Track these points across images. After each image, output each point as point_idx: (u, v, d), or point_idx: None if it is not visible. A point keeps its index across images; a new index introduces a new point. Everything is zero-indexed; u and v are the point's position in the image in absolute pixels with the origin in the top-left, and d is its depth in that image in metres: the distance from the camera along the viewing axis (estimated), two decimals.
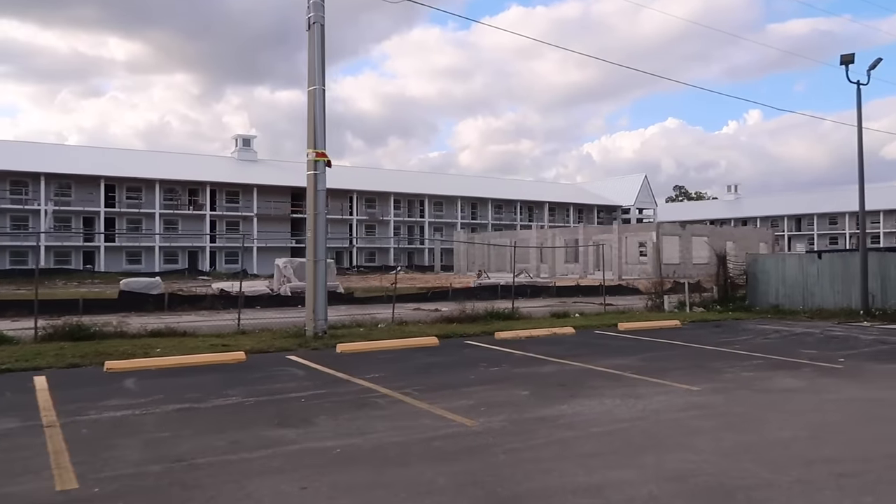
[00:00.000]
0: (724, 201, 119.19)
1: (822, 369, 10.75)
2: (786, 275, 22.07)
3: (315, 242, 14.27)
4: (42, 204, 58.11)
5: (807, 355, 12.21)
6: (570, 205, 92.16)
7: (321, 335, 13.78)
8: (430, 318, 17.45)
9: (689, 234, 55.16)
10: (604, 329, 16.34)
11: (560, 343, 13.85)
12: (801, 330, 16.63)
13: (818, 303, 21.12)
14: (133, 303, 27.65)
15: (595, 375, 10.07)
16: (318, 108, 14.13)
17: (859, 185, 20.40)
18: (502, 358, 11.83)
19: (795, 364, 11.24)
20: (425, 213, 79.87)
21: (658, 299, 22.50)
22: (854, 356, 12.24)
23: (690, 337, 14.90)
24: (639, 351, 12.79)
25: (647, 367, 10.87)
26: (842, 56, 19.26)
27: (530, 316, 19.07)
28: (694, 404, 8.13)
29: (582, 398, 8.42)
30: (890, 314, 18.96)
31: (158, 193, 63.38)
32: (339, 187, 73.67)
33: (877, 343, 14.15)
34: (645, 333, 15.51)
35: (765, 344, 13.99)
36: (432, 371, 10.51)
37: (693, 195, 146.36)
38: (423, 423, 7.12)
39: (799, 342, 14.29)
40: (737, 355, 12.25)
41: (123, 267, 61.24)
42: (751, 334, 15.67)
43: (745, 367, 10.86)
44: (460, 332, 14.93)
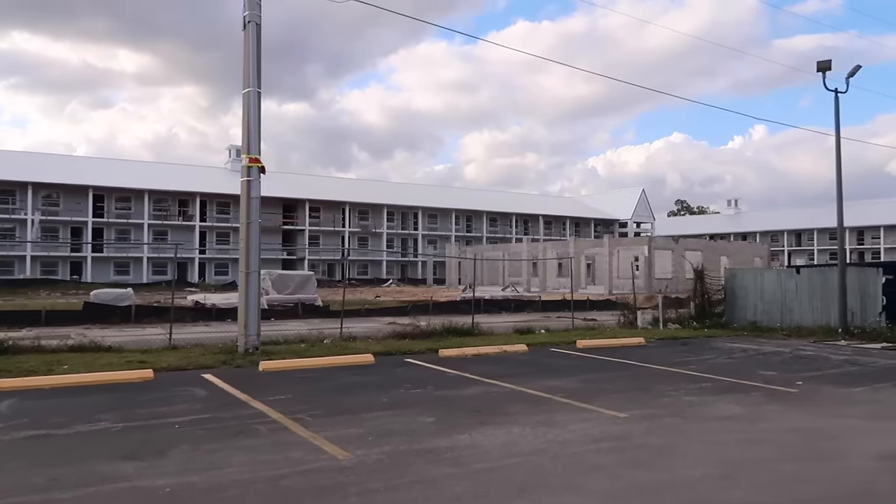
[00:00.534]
0: (725, 216, 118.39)
1: (773, 393, 9.90)
2: (764, 290, 21.21)
3: (248, 253, 13.50)
4: (29, 213, 57.61)
5: (764, 377, 11.36)
6: (566, 218, 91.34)
7: (251, 352, 12.98)
8: (381, 333, 16.63)
9: (682, 249, 54.20)
10: (561, 346, 15.49)
11: (504, 362, 13.02)
12: (770, 349, 15.76)
13: (797, 320, 20.24)
14: (98, 315, 26.92)
15: (520, 399, 9.24)
16: (253, 111, 13.43)
17: (837, 196, 19.58)
18: (432, 378, 11.01)
19: (747, 387, 10.39)
20: (419, 225, 79.16)
21: (631, 315, 21.63)
22: (815, 378, 11.38)
23: (649, 356, 14.05)
24: (585, 371, 11.96)
25: (583, 389, 10.04)
26: (818, 63, 18.51)
27: (491, 332, 18.25)
28: (610, 434, 7.31)
29: (490, 426, 7.60)
30: (869, 332, 18.06)
31: (147, 204, 62.85)
32: (331, 199, 73.27)
33: (845, 364, 13.27)
34: (602, 352, 14.66)
35: (725, 364, 13.13)
36: (346, 393, 9.70)
37: (695, 210, 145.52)
38: (290, 457, 6.31)
39: (763, 362, 13.43)
40: (688, 377, 11.40)
41: (111, 278, 60.59)
42: (715, 353, 14.81)
43: (690, 391, 10.01)
44: (405, 350, 14.10)
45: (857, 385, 10.76)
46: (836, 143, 19.37)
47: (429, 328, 16.97)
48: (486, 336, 17.20)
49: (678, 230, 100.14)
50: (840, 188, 19.43)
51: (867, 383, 10.94)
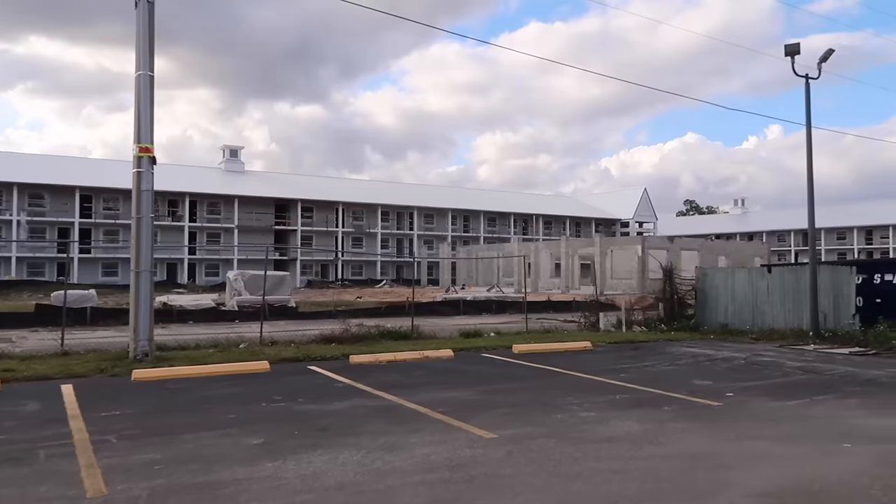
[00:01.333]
0: (732, 216, 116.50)
1: (690, 408, 8.65)
2: (735, 291, 19.88)
3: (138, 250, 12.43)
4: (14, 214, 57.03)
5: (694, 388, 10.11)
6: (566, 218, 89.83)
7: (140, 358, 11.88)
8: (307, 337, 15.48)
9: (677, 248, 52.72)
10: (495, 352, 14.28)
11: (417, 370, 11.83)
12: (726, 354, 14.46)
13: (768, 322, 18.89)
14: (49, 316, 25.97)
15: (388, 415, 8.07)
16: (145, 96, 12.36)
17: (808, 187, 18.24)
18: (313, 389, 9.86)
19: (666, 400, 9.15)
20: (414, 225, 78.01)
21: (593, 317, 20.37)
22: (752, 389, 10.12)
23: (583, 363, 12.81)
24: (496, 380, 10.76)
25: (472, 403, 8.85)
26: (786, 46, 17.19)
27: (433, 336, 17.07)
28: (455, 461, 6.11)
29: (321, 450, 6.44)
30: (840, 336, 16.71)
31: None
32: (325, 199, 72.27)
33: (797, 372, 11.97)
34: (535, 358, 13.42)
35: (662, 373, 11.88)
36: (194, 409, 8.56)
37: (704, 210, 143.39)
38: (36, 491, 5.18)
39: (706, 370, 12.16)
40: (608, 387, 10.16)
41: (99, 279, 59.87)
42: (661, 359, 13.54)
43: (596, 405, 8.78)
44: (317, 356, 12.96)
45: (795, 397, 9.49)
46: (807, 133, 18.04)
47: (360, 332, 15.81)
48: (423, 340, 16.02)
49: (684, 230, 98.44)
50: (811, 180, 18.10)
51: (808, 395, 9.67)
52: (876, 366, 12.88)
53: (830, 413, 8.47)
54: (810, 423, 7.90)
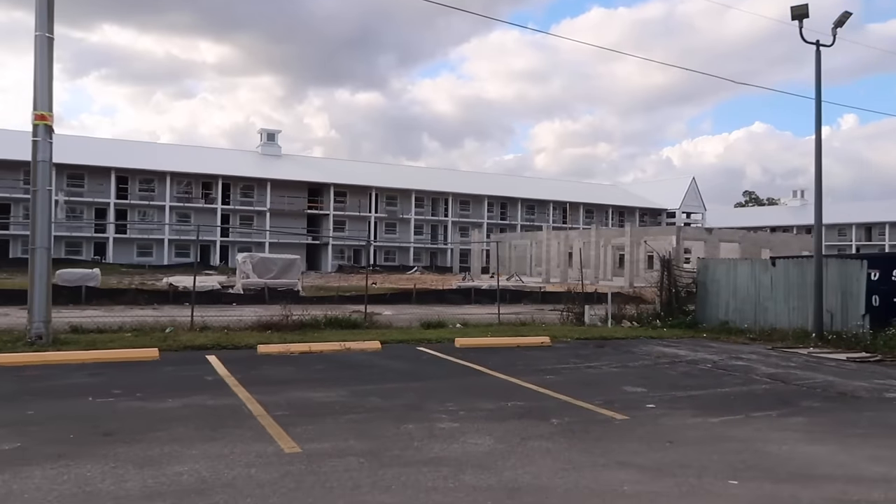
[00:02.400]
0: (790, 208, 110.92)
1: (585, 421, 7.22)
2: (737, 285, 17.96)
3: (35, 226, 11.63)
4: (53, 194, 58.33)
5: (616, 396, 8.62)
6: (608, 207, 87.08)
7: (34, 340, 11.09)
8: (243, 324, 14.48)
9: (715, 240, 49.92)
10: (433, 345, 12.94)
11: (317, 363, 10.66)
12: (699, 357, 12.78)
13: (771, 321, 16.96)
14: None
15: (213, 417, 6.95)
16: (42, 60, 11.50)
17: (816, 170, 16.20)
18: (177, 382, 8.84)
19: (565, 410, 7.73)
20: (448, 212, 76.77)
21: (578, 310, 18.77)
22: (685, 400, 8.57)
23: (518, 361, 11.39)
24: (391, 379, 9.51)
25: (327, 405, 7.66)
26: (793, 9, 15.15)
27: (390, 325, 15.87)
28: (205, 485, 4.92)
29: (65, 461, 5.37)
30: (846, 339, 14.72)
31: (169, 186, 62.87)
32: (358, 183, 71.74)
33: (764, 381, 10.28)
34: (469, 354, 12.04)
35: (599, 375, 10.38)
36: (14, 399, 7.60)
37: (765, 201, 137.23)
38: None
39: (654, 375, 10.58)
40: (512, 392, 8.78)
41: (134, 259, 61.03)
42: (615, 360, 11.99)
43: (470, 414, 7.44)
44: (228, 344, 11.95)
45: (728, 412, 7.91)
46: (816, 107, 15.99)
47: (302, 319, 14.72)
48: (372, 330, 14.85)
49: (740, 222, 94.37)
50: (819, 161, 16.05)
51: (748, 410, 8.07)
52: (867, 376, 11.05)
53: (753, 435, 6.90)
54: (714, 448, 6.37)
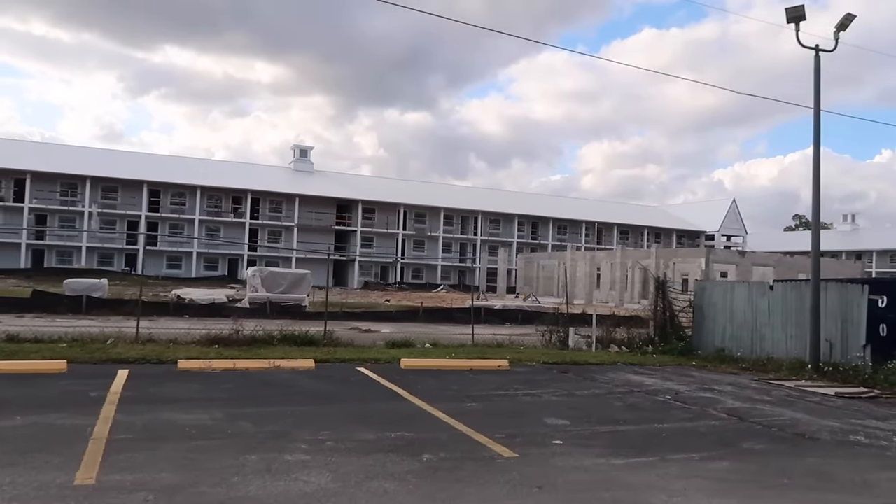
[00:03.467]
0: (839, 232, 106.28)
1: (464, 459, 6.30)
2: (734, 310, 16.64)
3: None
4: (86, 206, 59.79)
5: (524, 430, 7.66)
6: (644, 228, 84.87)
7: None
8: (191, 337, 13.90)
9: (748, 264, 47.83)
10: (375, 366, 12.10)
11: (228, 382, 9.92)
12: (666, 387, 11.62)
13: (768, 349, 15.59)
14: (44, 304, 26.20)
15: (25, 441, 6.28)
16: None
17: (813, 185, 14.88)
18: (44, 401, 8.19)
19: (455, 444, 6.83)
20: (478, 230, 75.88)
21: (561, 332, 17.67)
22: (604, 437, 7.56)
23: (459, 386, 10.48)
24: (295, 402, 8.75)
25: (172, 429, 6.88)
26: (787, 11, 13.97)
27: (351, 343, 15.09)
28: None
29: None
30: (843, 371, 13.30)
31: (199, 200, 63.72)
32: (387, 200, 71.56)
33: (717, 417, 9.13)
34: (408, 376, 11.16)
35: (531, 405, 9.39)
36: None
37: None
38: None
39: (594, 406, 9.53)
40: (413, 421, 7.90)
41: (163, 271, 61.80)
42: (567, 388, 10.94)
43: (336, 445, 6.61)
44: (153, 358, 11.33)
45: (643, 453, 6.87)
46: (815, 118, 14.71)
47: (254, 334, 14.06)
48: (328, 347, 14.08)
49: (788, 246, 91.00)
50: (817, 176, 14.74)
51: (673, 451, 7.01)
52: (846, 414, 9.77)
53: (650, 482, 5.86)
54: (588, 498, 5.38)
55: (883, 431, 8.62)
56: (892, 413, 10.13)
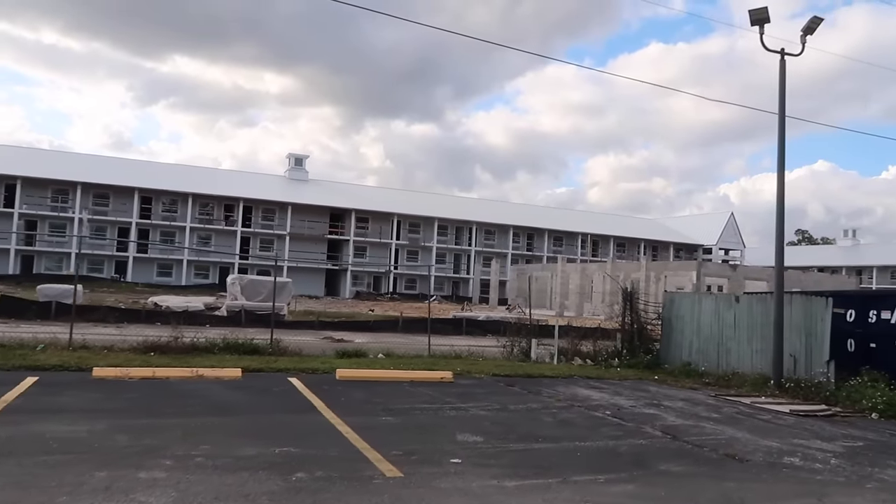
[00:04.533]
0: (840, 247, 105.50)
1: (340, 479, 5.79)
2: (701, 323, 16.09)
3: None
4: (77, 212, 59.51)
5: (440, 446, 7.16)
6: (641, 241, 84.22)
7: None
8: (127, 344, 13.39)
9: (739, 278, 47.14)
10: (311, 376, 11.58)
11: (136, 391, 9.42)
12: (616, 402, 11.07)
13: (734, 364, 15.03)
14: (11, 310, 25.79)
15: None
16: None
17: (777, 192, 14.39)
18: None
19: (344, 461, 6.30)
20: (472, 241, 75.36)
21: (524, 343, 17.12)
22: (515, 455, 7.02)
23: (385, 398, 9.94)
24: (191, 413, 8.22)
25: (61, 441, 6.37)
26: (751, 13, 13.51)
27: (299, 352, 14.58)
28: None
29: None
30: (805, 388, 12.72)
31: (191, 207, 63.39)
32: (381, 210, 71.16)
33: (649, 435, 8.58)
34: (339, 387, 10.65)
35: (459, 419, 8.85)
36: None
37: (818, 241, 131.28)
38: None
39: (531, 421, 8.99)
40: (319, 436, 7.39)
41: (154, 279, 61.47)
42: (503, 402, 10.39)
43: (212, 462, 6.09)
44: (75, 365, 10.83)
45: (551, 474, 6.33)
46: (780, 122, 14.22)
47: (194, 342, 13.55)
48: (268, 357, 13.57)
49: (788, 261, 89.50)
50: (782, 181, 14.25)
51: (579, 473, 6.47)
52: (792, 433, 9.21)
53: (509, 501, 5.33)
54: None
55: (823, 453, 8.06)
56: (842, 433, 9.56)
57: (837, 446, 8.55)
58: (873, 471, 7.32)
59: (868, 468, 7.43)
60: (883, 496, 6.34)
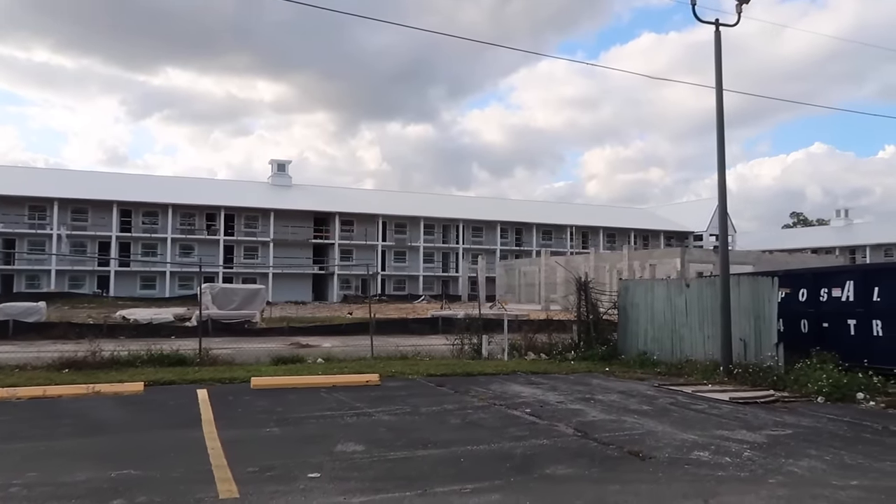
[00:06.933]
0: (833, 228, 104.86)
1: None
2: (654, 310, 15.46)
3: None
4: (55, 228, 58.84)
5: (312, 458, 6.53)
6: (631, 230, 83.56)
7: None
8: (41, 361, 12.74)
9: None
10: (219, 386, 10.94)
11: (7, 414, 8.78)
12: (546, 398, 10.43)
13: (687, 351, 14.41)
14: None
15: None
16: None
17: (718, 166, 13.76)
18: None
19: (181, 484, 5.68)
20: (460, 238, 74.70)
21: (474, 340, 16.49)
22: (390, 464, 6.39)
23: (287, 407, 9.30)
24: (55, 436, 7.57)
25: None
26: None
27: (231, 361, 13.93)
28: None
29: None
30: (753, 374, 12.07)
31: (172, 218, 62.73)
32: (365, 212, 70.50)
33: (556, 434, 7.96)
34: (248, 398, 10.01)
35: (355, 427, 8.19)
36: None
37: (814, 222, 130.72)
38: None
39: (432, 425, 8.36)
40: (173, 455, 6.74)
41: (137, 292, 60.78)
42: (418, 405, 9.73)
43: (16, 493, 5.44)
44: None
45: (416, 485, 5.71)
46: (717, 92, 13.59)
47: (115, 355, 12.91)
48: (193, 367, 12.93)
49: (783, 244, 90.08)
50: (722, 160, 13.62)
51: (451, 482, 5.85)
52: (722, 424, 8.58)
53: None
54: None
55: (740, 445, 7.43)
56: (775, 420, 8.93)
57: (761, 436, 7.91)
58: (785, 462, 6.69)
59: (782, 460, 6.80)
60: (781, 492, 5.71)
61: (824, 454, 7.07)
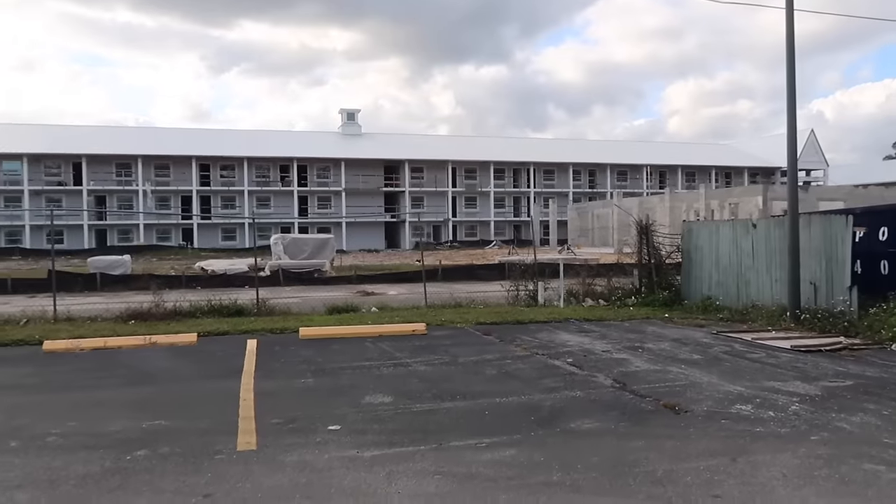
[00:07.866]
0: None
1: (188, 455, 5.28)
2: (720, 253, 14.70)
3: None
4: (140, 184, 61.69)
5: (337, 410, 6.59)
6: (711, 168, 79.82)
7: None
8: (111, 313, 13.39)
9: (812, 199, 43.63)
10: (269, 336, 11.20)
11: (68, 364, 9.24)
12: (593, 347, 10.16)
13: (753, 296, 13.68)
14: (60, 283, 26.85)
15: None
16: None
17: (788, 92, 12.67)
18: None
19: (211, 434, 5.82)
20: (531, 182, 73.49)
21: (531, 286, 16.21)
22: (411, 418, 6.37)
23: (328, 357, 9.42)
24: (103, 387, 7.91)
25: None
26: None
27: (288, 311, 14.27)
28: None
29: None
30: (822, 319, 11.32)
31: (247, 171, 64.50)
32: (434, 158, 70.23)
33: (593, 386, 7.71)
34: (293, 348, 10.21)
35: (388, 377, 8.20)
36: None
37: None
38: None
39: (468, 376, 8.27)
40: (207, 407, 6.94)
41: (219, 243, 63.34)
42: (458, 354, 9.65)
43: (57, 442, 5.72)
44: (35, 339, 10.82)
45: (435, 439, 5.65)
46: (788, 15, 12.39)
47: (177, 307, 13.43)
48: (250, 318, 13.30)
49: (879, 178, 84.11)
50: (792, 84, 12.53)
51: (467, 436, 5.76)
52: (777, 375, 8.09)
53: (354, 485, 4.67)
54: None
55: (789, 398, 6.97)
56: (837, 370, 8.34)
57: (816, 388, 7.40)
58: (835, 417, 6.22)
59: (832, 414, 6.33)
60: (821, 450, 5.29)
61: (883, 409, 6.53)
